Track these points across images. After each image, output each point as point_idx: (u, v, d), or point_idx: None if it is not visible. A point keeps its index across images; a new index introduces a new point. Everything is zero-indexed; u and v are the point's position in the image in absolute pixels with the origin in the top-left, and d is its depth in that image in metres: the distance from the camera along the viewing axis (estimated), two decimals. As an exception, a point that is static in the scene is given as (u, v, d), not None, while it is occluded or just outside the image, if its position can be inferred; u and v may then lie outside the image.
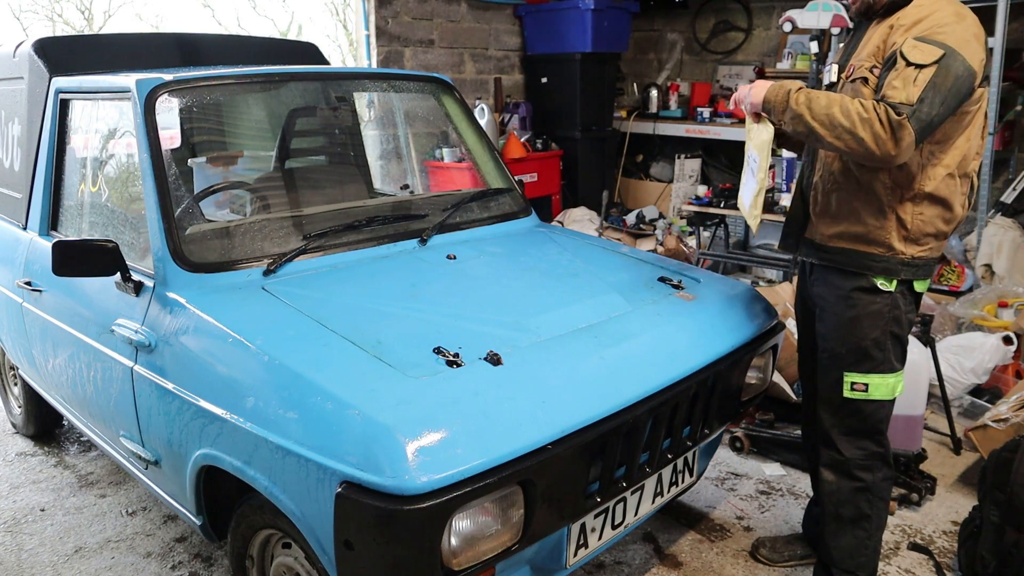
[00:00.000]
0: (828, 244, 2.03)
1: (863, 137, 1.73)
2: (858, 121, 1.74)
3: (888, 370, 2.02)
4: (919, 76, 1.73)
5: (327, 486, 1.47)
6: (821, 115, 1.79)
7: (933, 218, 1.93)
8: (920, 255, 1.95)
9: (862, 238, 1.97)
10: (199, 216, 2.21)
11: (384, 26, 5.62)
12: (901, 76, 1.75)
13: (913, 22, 1.82)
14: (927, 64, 1.73)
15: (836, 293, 2.03)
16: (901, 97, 1.73)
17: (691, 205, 5.20)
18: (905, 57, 1.76)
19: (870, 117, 1.73)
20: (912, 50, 1.76)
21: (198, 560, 2.57)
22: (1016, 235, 4.27)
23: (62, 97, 2.61)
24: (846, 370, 2.03)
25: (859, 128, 1.73)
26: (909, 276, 1.97)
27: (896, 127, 1.70)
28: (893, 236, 1.93)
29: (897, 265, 1.95)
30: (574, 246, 2.58)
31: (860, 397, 2.03)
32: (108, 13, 8.72)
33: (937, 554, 2.52)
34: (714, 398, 2.06)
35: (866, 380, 2.02)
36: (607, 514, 1.87)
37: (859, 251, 1.98)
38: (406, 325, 1.85)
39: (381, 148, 4.53)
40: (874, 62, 1.89)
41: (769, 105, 1.91)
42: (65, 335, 2.44)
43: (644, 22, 6.73)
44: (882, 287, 1.97)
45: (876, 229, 1.94)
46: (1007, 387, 3.48)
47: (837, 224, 2.01)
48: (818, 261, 2.08)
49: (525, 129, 6.18)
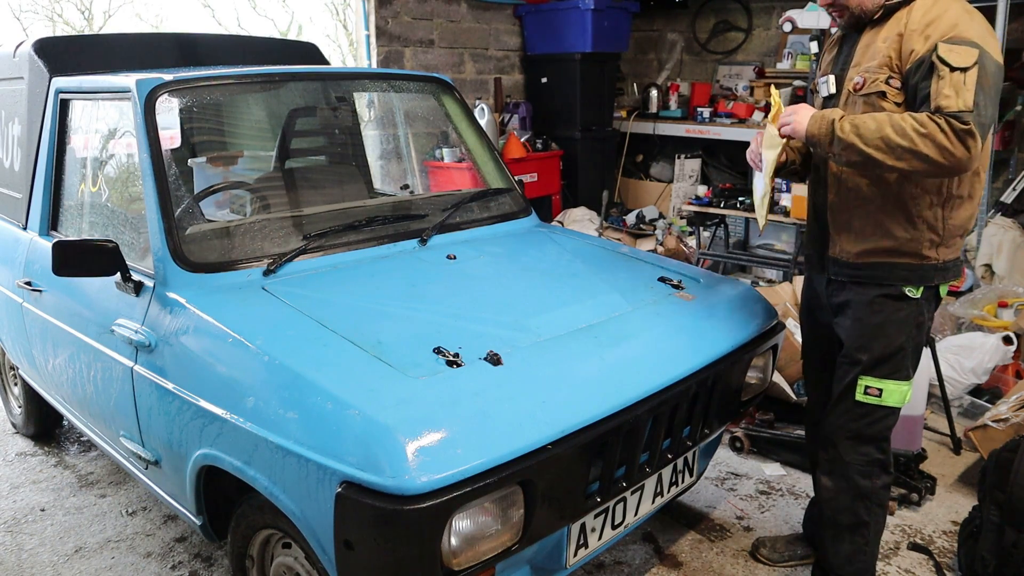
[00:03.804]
0: (859, 261, 1.99)
1: (927, 153, 1.68)
2: (917, 138, 1.68)
3: (904, 377, 2.00)
4: (967, 79, 1.68)
5: (327, 486, 1.47)
6: (875, 140, 1.73)
7: (962, 217, 1.91)
8: (951, 257, 1.94)
9: (894, 252, 1.93)
10: (199, 216, 2.21)
11: (384, 26, 5.62)
12: (951, 83, 1.69)
13: (926, 24, 1.77)
14: (969, 67, 1.68)
15: (861, 298, 2.00)
16: (959, 105, 1.67)
17: (691, 205, 5.20)
18: (947, 63, 1.70)
19: (929, 131, 1.67)
20: (950, 54, 1.70)
21: (198, 560, 2.57)
22: (1016, 235, 4.27)
23: (62, 97, 2.61)
24: (862, 373, 2.00)
25: (920, 145, 1.68)
26: (942, 280, 1.95)
27: (963, 135, 1.65)
28: (925, 244, 1.90)
29: (931, 271, 1.93)
30: (574, 246, 2.58)
31: (873, 402, 2.01)
32: (108, 13, 8.72)
33: (937, 554, 2.52)
34: (714, 398, 2.06)
35: (881, 385, 1.99)
36: (607, 514, 1.87)
37: (891, 263, 1.94)
38: (406, 325, 1.85)
39: (381, 148, 4.53)
40: (888, 73, 1.83)
41: (813, 139, 1.85)
42: (65, 335, 2.44)
43: (644, 22, 6.73)
44: (910, 294, 1.94)
45: (907, 241, 1.91)
46: (1007, 387, 3.48)
47: (864, 241, 1.96)
48: (849, 279, 2.02)
49: (525, 129, 6.18)
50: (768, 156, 2.04)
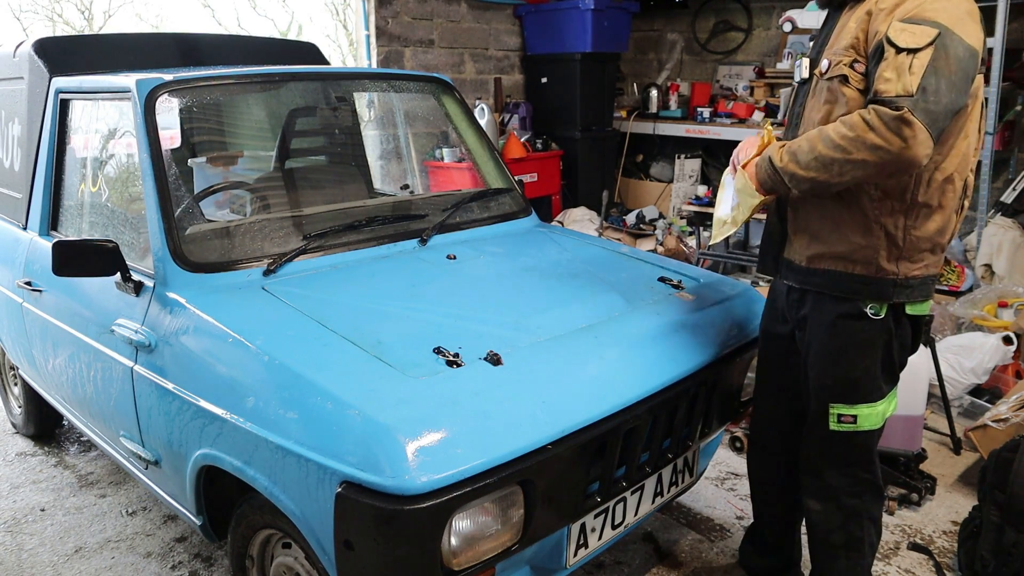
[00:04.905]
0: (810, 266, 1.83)
1: (863, 159, 1.53)
2: (847, 144, 1.54)
3: (877, 399, 1.84)
4: (914, 63, 1.50)
5: (327, 486, 1.47)
6: (809, 161, 1.60)
7: (927, 231, 1.71)
8: (915, 274, 1.73)
9: (846, 258, 1.76)
10: (199, 216, 2.21)
11: (384, 26, 5.62)
12: (893, 66, 1.52)
13: (895, 4, 1.59)
14: (921, 48, 1.50)
15: (821, 319, 1.83)
16: (897, 89, 1.50)
17: (691, 205, 5.21)
18: (894, 43, 1.52)
19: (857, 134, 1.53)
20: (900, 34, 1.53)
21: (198, 560, 2.57)
22: (1016, 235, 4.27)
23: (62, 97, 2.61)
24: (832, 401, 1.85)
25: (853, 151, 1.54)
26: (903, 299, 1.74)
27: (895, 126, 1.48)
28: (882, 255, 1.72)
29: (889, 287, 1.73)
30: (574, 246, 2.58)
31: (848, 429, 1.85)
32: (108, 13, 8.72)
33: (937, 554, 2.52)
34: (714, 398, 2.06)
35: (854, 412, 1.84)
36: (607, 514, 1.87)
37: (845, 273, 1.77)
38: (406, 325, 1.85)
39: (381, 148, 4.54)
40: (854, 56, 1.65)
41: (767, 187, 1.72)
42: (65, 335, 2.44)
43: (644, 22, 6.73)
44: (871, 313, 1.76)
45: (861, 248, 1.73)
46: (1007, 387, 3.48)
47: (818, 243, 1.80)
48: (799, 285, 1.87)
49: (525, 129, 6.18)
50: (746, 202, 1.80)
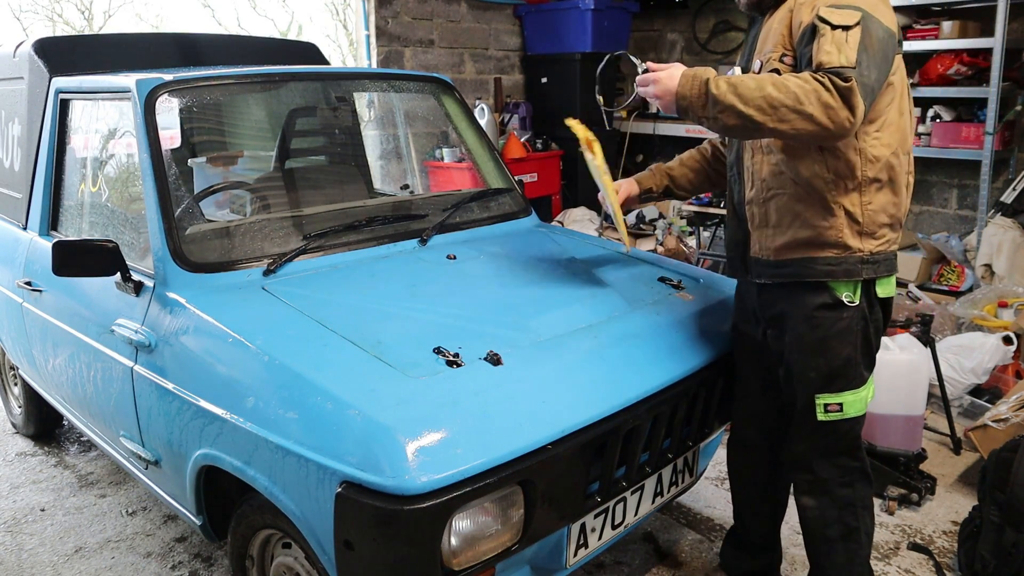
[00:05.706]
0: (778, 258, 1.85)
1: (812, 113, 1.53)
2: (802, 95, 1.53)
3: (859, 384, 1.88)
4: (849, 38, 1.56)
5: (327, 486, 1.47)
6: (755, 99, 1.57)
7: (883, 204, 1.78)
8: (879, 249, 1.80)
9: (813, 243, 1.79)
10: (199, 216, 2.21)
11: (384, 26, 5.62)
12: (832, 40, 1.57)
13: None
14: (852, 25, 1.57)
15: (798, 313, 1.85)
16: (841, 60, 1.54)
17: (691, 205, 5.20)
18: (828, 21, 1.58)
19: (814, 88, 1.53)
20: (832, 14, 1.59)
21: (198, 560, 2.57)
22: (1016, 235, 4.26)
23: (62, 97, 2.61)
24: (817, 392, 1.88)
25: (805, 103, 1.53)
26: (871, 275, 1.80)
27: (846, 93, 1.52)
28: (846, 232, 1.76)
29: (857, 264, 1.79)
30: (574, 246, 2.58)
31: (835, 418, 1.88)
32: (108, 13, 8.72)
33: (937, 554, 2.52)
34: (714, 398, 2.06)
35: (840, 400, 1.87)
36: (607, 514, 1.87)
37: (814, 257, 1.80)
38: (406, 325, 1.85)
39: (381, 148, 4.54)
40: (783, 51, 1.73)
41: (684, 102, 1.68)
42: (65, 335, 2.44)
43: (644, 22, 6.73)
44: (847, 300, 1.81)
45: (826, 229, 1.77)
46: (1007, 387, 3.47)
47: (782, 234, 1.83)
48: (771, 280, 1.89)
49: (525, 129, 6.18)
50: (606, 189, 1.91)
